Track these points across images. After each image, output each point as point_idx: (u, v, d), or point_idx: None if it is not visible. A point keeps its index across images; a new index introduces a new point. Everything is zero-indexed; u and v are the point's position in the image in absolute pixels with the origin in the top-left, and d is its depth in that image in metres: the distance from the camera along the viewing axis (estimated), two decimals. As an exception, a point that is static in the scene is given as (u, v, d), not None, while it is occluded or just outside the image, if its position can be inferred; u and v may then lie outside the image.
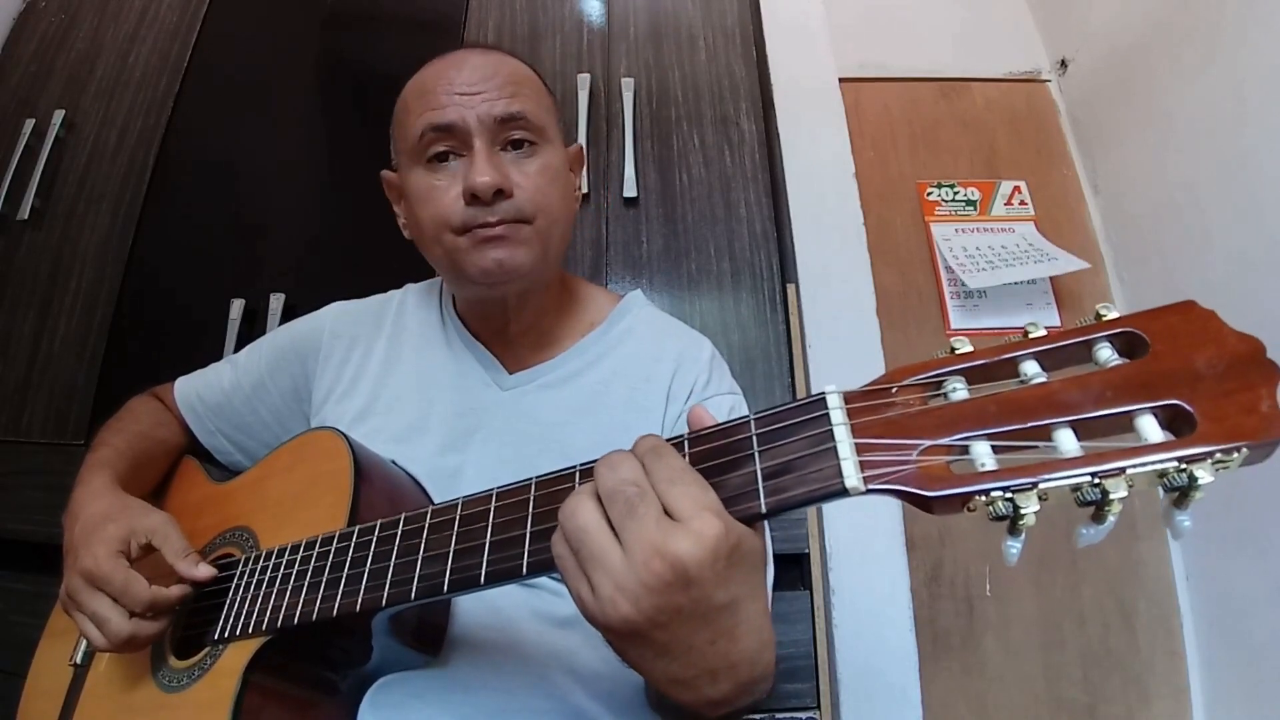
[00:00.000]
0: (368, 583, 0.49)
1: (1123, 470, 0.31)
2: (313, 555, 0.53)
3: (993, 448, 0.34)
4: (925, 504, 0.34)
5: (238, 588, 0.57)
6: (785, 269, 1.18)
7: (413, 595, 0.46)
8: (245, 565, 0.58)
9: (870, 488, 0.35)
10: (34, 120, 1.34)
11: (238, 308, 1.19)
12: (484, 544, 0.45)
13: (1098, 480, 0.31)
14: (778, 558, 0.67)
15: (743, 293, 1.16)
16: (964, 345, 0.37)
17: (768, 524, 0.42)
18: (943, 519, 1.24)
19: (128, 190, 1.29)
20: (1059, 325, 0.34)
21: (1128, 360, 0.34)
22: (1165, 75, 1.22)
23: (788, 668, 0.96)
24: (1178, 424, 0.32)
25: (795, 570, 1.01)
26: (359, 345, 0.78)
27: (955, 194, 1.41)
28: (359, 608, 0.49)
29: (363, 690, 0.53)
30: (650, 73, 1.30)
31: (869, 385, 0.38)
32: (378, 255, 0.98)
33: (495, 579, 0.44)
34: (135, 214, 1.27)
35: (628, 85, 1.26)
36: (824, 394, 0.38)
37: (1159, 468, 0.31)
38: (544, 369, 0.72)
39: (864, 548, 1.13)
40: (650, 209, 1.21)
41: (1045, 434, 0.33)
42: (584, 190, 1.20)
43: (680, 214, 1.20)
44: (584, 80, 1.26)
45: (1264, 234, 1.03)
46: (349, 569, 0.51)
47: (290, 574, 0.54)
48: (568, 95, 1.26)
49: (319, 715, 0.54)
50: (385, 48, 1.38)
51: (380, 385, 0.74)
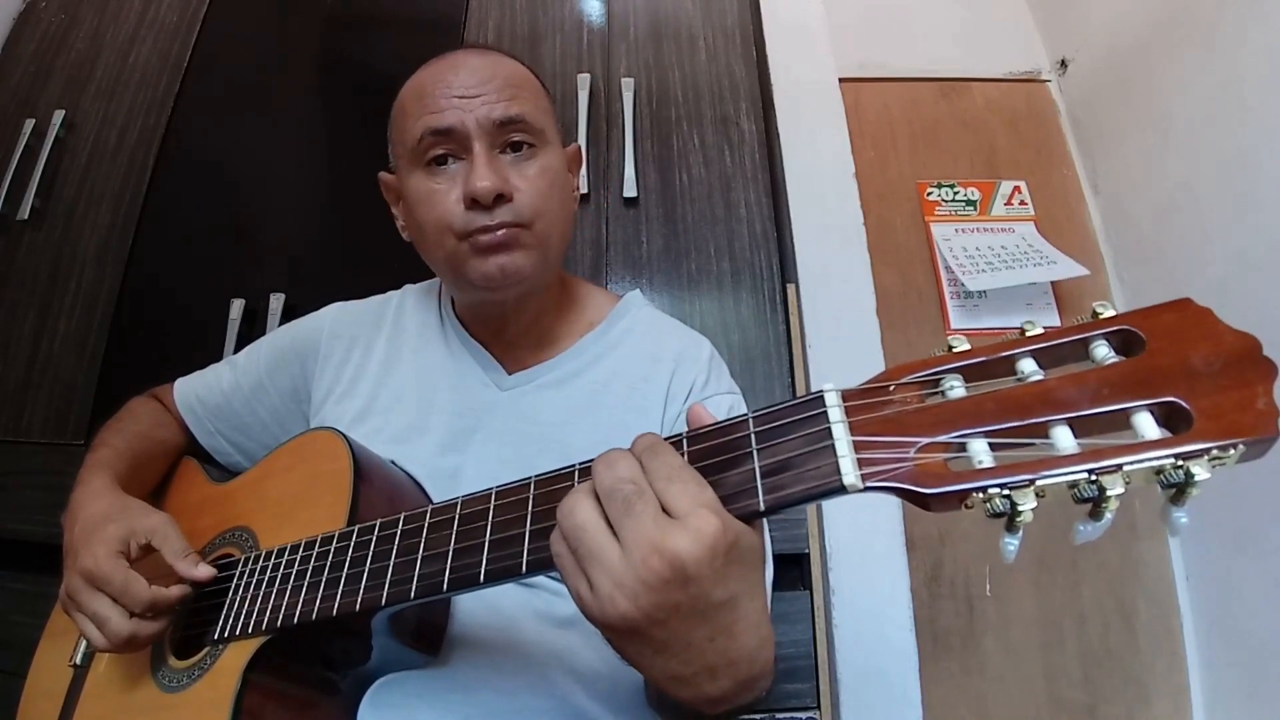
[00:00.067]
0: (367, 582, 0.49)
1: (1119, 467, 0.31)
2: (312, 555, 0.54)
3: (990, 445, 0.34)
4: (923, 501, 0.34)
5: (237, 588, 0.57)
6: (785, 269, 1.18)
7: (412, 594, 0.46)
8: (245, 565, 0.59)
9: (868, 485, 0.35)
10: (34, 120, 1.34)
11: (238, 308, 1.19)
12: (483, 543, 0.45)
13: (1095, 477, 0.31)
14: (778, 558, 0.67)
15: (743, 293, 1.16)
16: (961, 344, 0.37)
17: (766, 522, 0.42)
18: (943, 519, 1.25)
19: (128, 190, 1.29)
20: (1058, 325, 0.35)
21: (1124, 358, 0.34)
22: (1165, 75, 1.22)
23: (788, 668, 0.96)
24: (1174, 421, 0.32)
25: (795, 570, 1.02)
26: (358, 346, 0.78)
27: (955, 194, 1.41)
28: (359, 607, 0.49)
29: (362, 690, 0.53)
30: (650, 73, 1.30)
31: (867, 383, 0.38)
32: (377, 256, 0.98)
33: (494, 577, 0.44)
34: (135, 214, 1.27)
35: (628, 85, 1.26)
36: (822, 392, 0.39)
37: (1156, 464, 0.31)
38: (543, 369, 0.72)
39: (864, 548, 1.13)
40: (650, 209, 1.21)
41: (1042, 431, 0.33)
42: (583, 190, 1.20)
43: (680, 214, 1.21)
44: (584, 80, 1.26)
45: (1263, 234, 1.03)
46: (348, 569, 0.51)
47: (290, 574, 0.54)
48: (568, 95, 1.26)
49: (319, 715, 0.54)
50: (385, 48, 1.39)
51: (380, 386, 0.74)
